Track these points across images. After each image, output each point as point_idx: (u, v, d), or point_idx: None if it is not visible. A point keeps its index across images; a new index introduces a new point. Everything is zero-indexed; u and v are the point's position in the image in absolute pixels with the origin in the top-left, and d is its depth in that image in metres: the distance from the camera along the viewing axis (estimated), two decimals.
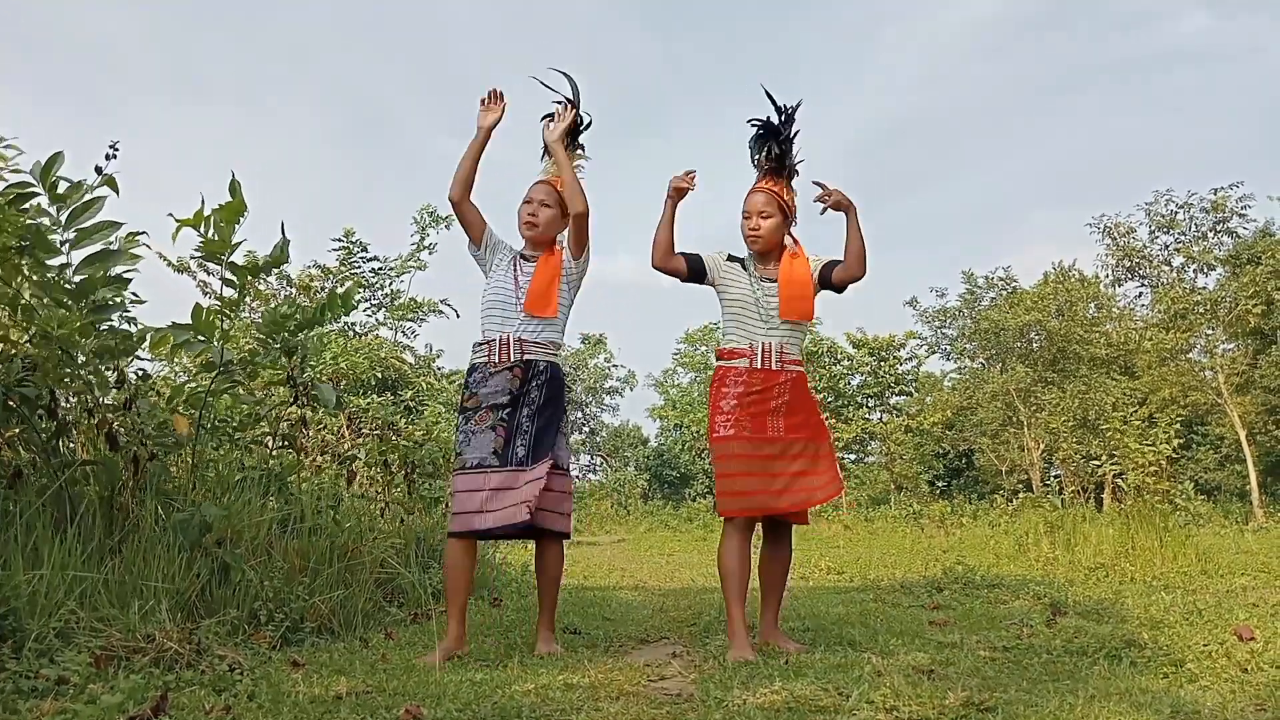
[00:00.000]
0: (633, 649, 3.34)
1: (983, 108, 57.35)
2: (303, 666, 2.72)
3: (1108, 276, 24.10)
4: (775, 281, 3.34)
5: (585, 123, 3.55)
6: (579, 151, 3.54)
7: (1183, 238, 22.13)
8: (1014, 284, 25.83)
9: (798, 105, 3.41)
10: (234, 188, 3.45)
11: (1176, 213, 21.92)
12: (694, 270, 3.40)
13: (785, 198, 3.38)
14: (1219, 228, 21.86)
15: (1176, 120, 52.81)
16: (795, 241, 3.42)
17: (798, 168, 3.45)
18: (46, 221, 3.24)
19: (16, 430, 3.30)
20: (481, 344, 3.34)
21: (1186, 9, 53.67)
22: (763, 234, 3.34)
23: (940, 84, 58.24)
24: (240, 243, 3.53)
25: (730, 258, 3.44)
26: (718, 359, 3.41)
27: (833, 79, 61.32)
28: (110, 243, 3.35)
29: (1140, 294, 24.19)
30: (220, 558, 3.29)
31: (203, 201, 3.43)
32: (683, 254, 3.39)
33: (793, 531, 3.45)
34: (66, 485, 3.20)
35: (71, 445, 3.48)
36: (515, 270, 3.38)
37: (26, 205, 3.21)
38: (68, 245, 3.28)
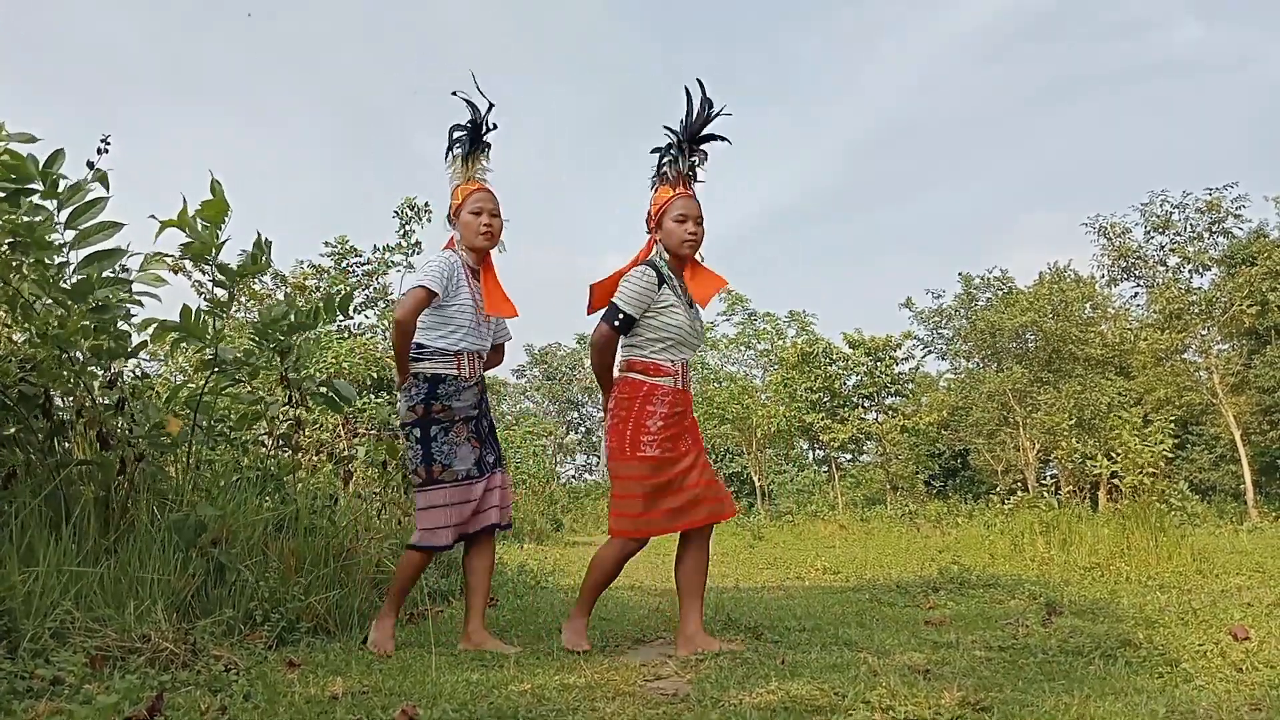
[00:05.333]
0: (629, 649, 3.34)
1: (977, 114, 57.63)
2: (298, 667, 2.72)
3: (1103, 277, 24.18)
4: (695, 305, 3.38)
5: (488, 127, 3.52)
6: (483, 157, 3.53)
7: (1178, 238, 22.20)
8: (1010, 284, 25.87)
9: (720, 110, 3.37)
10: (215, 187, 3.43)
11: (1172, 213, 21.98)
12: (629, 327, 3.26)
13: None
14: (1214, 228, 21.94)
15: (1168, 128, 53.08)
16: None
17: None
18: (40, 218, 3.23)
19: (12, 430, 3.29)
20: (450, 356, 3.31)
21: (1178, 20, 53.92)
22: (699, 239, 3.34)
23: (935, 91, 58.53)
24: (225, 241, 3.52)
25: (660, 275, 3.27)
26: (637, 372, 3.27)
27: (830, 86, 61.48)
28: (112, 244, 3.35)
29: (1136, 294, 24.29)
30: (216, 558, 3.29)
31: (185, 202, 3.41)
32: (614, 338, 3.26)
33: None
34: (62, 485, 3.20)
35: (67, 445, 3.47)
36: (471, 286, 3.40)
37: (22, 201, 3.20)
38: (67, 247, 3.28)
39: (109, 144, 3.36)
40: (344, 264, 15.42)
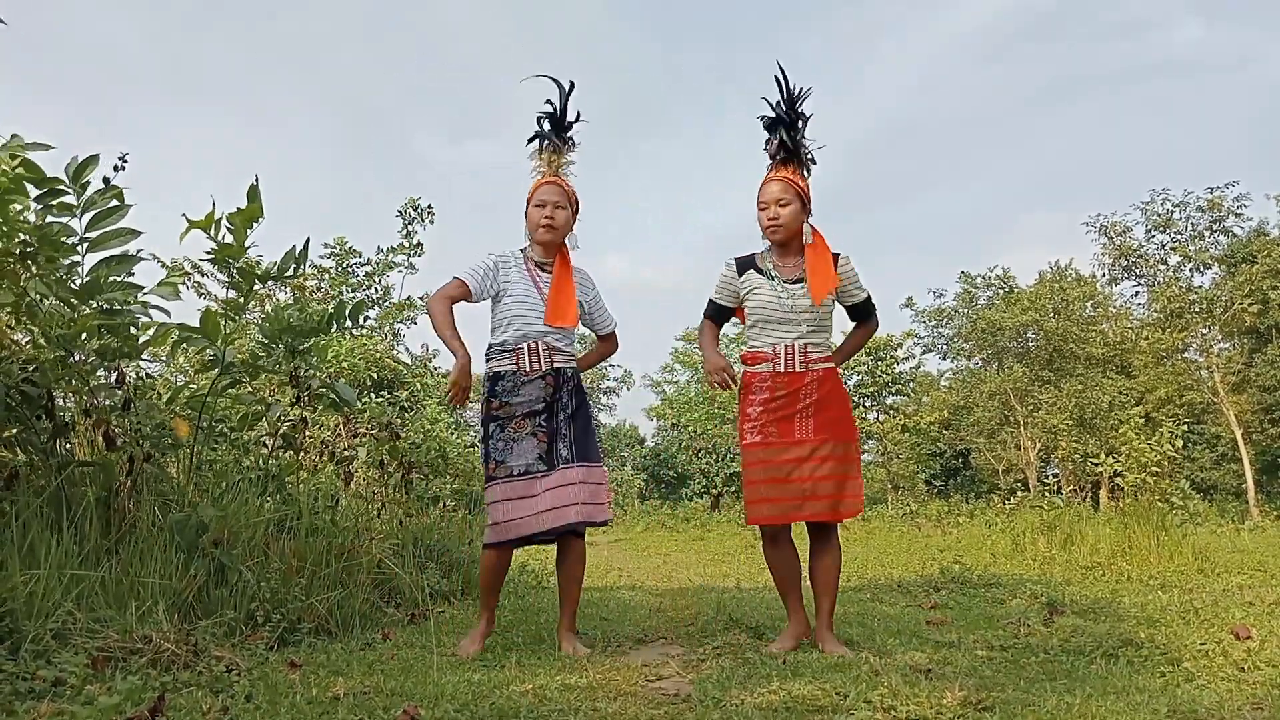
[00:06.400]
0: (630, 649, 3.34)
1: (977, 115, 57.57)
2: (300, 667, 2.72)
3: (1104, 275, 24.17)
4: (799, 283, 3.28)
5: (574, 117, 3.51)
6: (568, 148, 3.51)
7: (1179, 237, 22.20)
8: (1011, 282, 25.88)
9: (807, 91, 3.34)
10: (253, 192, 3.47)
11: (1173, 212, 21.98)
12: (725, 319, 3.48)
13: (801, 185, 3.31)
14: (1215, 227, 21.93)
15: (1168, 128, 53.10)
16: (814, 231, 3.34)
17: (814, 156, 3.38)
18: (51, 221, 3.25)
19: (14, 431, 3.29)
20: (507, 351, 3.29)
21: (1178, 20, 53.91)
22: (783, 222, 3.27)
23: (935, 91, 58.49)
24: (251, 246, 3.56)
25: (741, 263, 3.37)
26: (743, 364, 3.38)
27: (830, 86, 61.51)
28: (128, 249, 3.37)
29: (1137, 293, 24.29)
30: (217, 558, 3.29)
31: (214, 205, 3.44)
32: (711, 323, 3.46)
33: (837, 529, 3.36)
34: (64, 486, 3.20)
35: (69, 446, 3.47)
36: (534, 278, 3.36)
37: (36, 205, 3.22)
38: (85, 245, 3.29)
39: (126, 162, 3.36)
40: (344, 264, 15.45)
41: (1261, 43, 45.18)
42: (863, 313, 3.44)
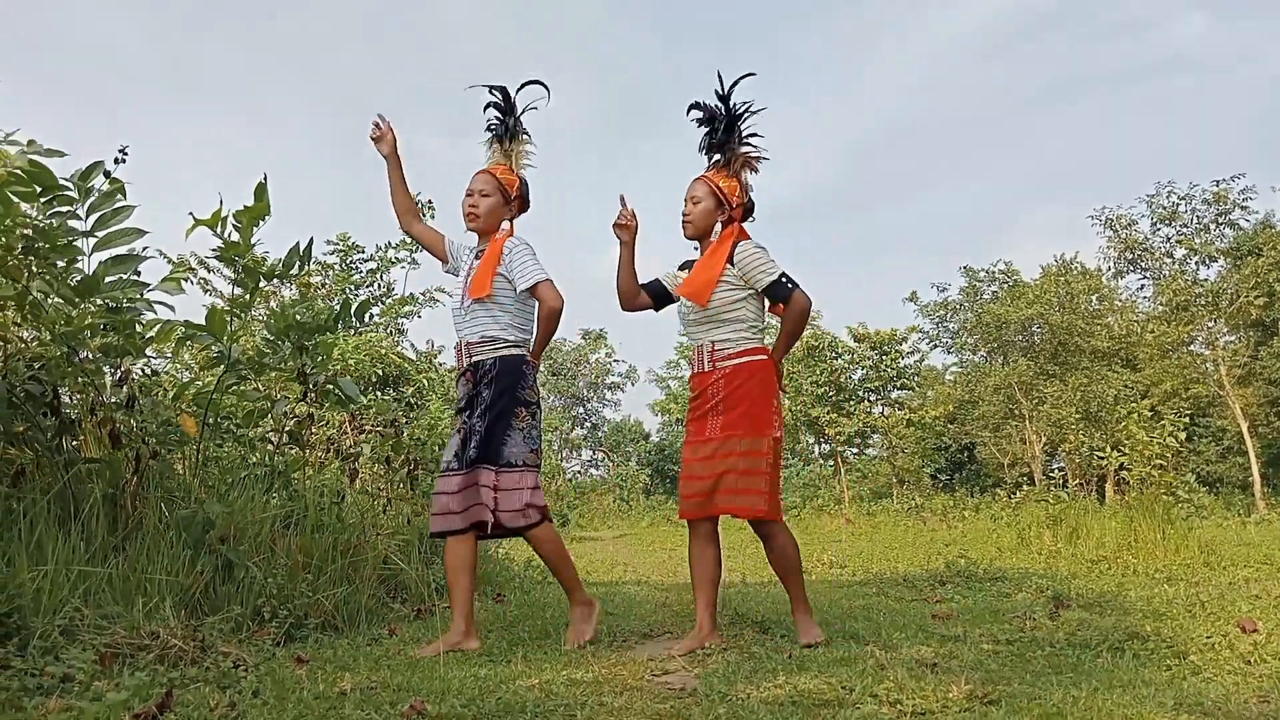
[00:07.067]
0: (636, 644, 3.34)
1: (977, 114, 57.43)
2: (307, 663, 2.72)
3: (1109, 269, 24.09)
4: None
5: (520, 111, 3.53)
6: (524, 138, 3.54)
7: (1184, 230, 22.10)
8: (1015, 276, 25.81)
9: (736, 83, 3.36)
10: (260, 191, 3.47)
11: (1178, 205, 21.88)
12: (658, 297, 3.51)
13: (723, 186, 3.34)
14: (1221, 220, 21.83)
15: (1168, 127, 52.92)
16: (728, 232, 3.33)
17: (751, 159, 3.39)
18: (54, 220, 3.25)
19: (21, 429, 3.30)
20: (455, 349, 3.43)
21: (1178, 18, 53.73)
22: (691, 219, 3.35)
23: (936, 91, 58.34)
24: (257, 243, 3.58)
25: (684, 265, 3.49)
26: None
27: (830, 86, 61.42)
28: (133, 249, 3.38)
29: (1142, 286, 24.19)
30: (224, 555, 3.30)
31: (220, 202, 3.45)
32: (644, 286, 3.48)
33: (772, 524, 3.24)
34: (70, 483, 3.21)
35: (75, 443, 3.48)
36: (469, 270, 3.40)
37: (41, 205, 3.23)
38: (91, 244, 3.30)
39: (126, 154, 3.37)
40: (348, 260, 15.47)
41: (1262, 41, 44.97)
42: (777, 296, 3.30)
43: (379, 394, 12.46)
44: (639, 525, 21.44)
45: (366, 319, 4.03)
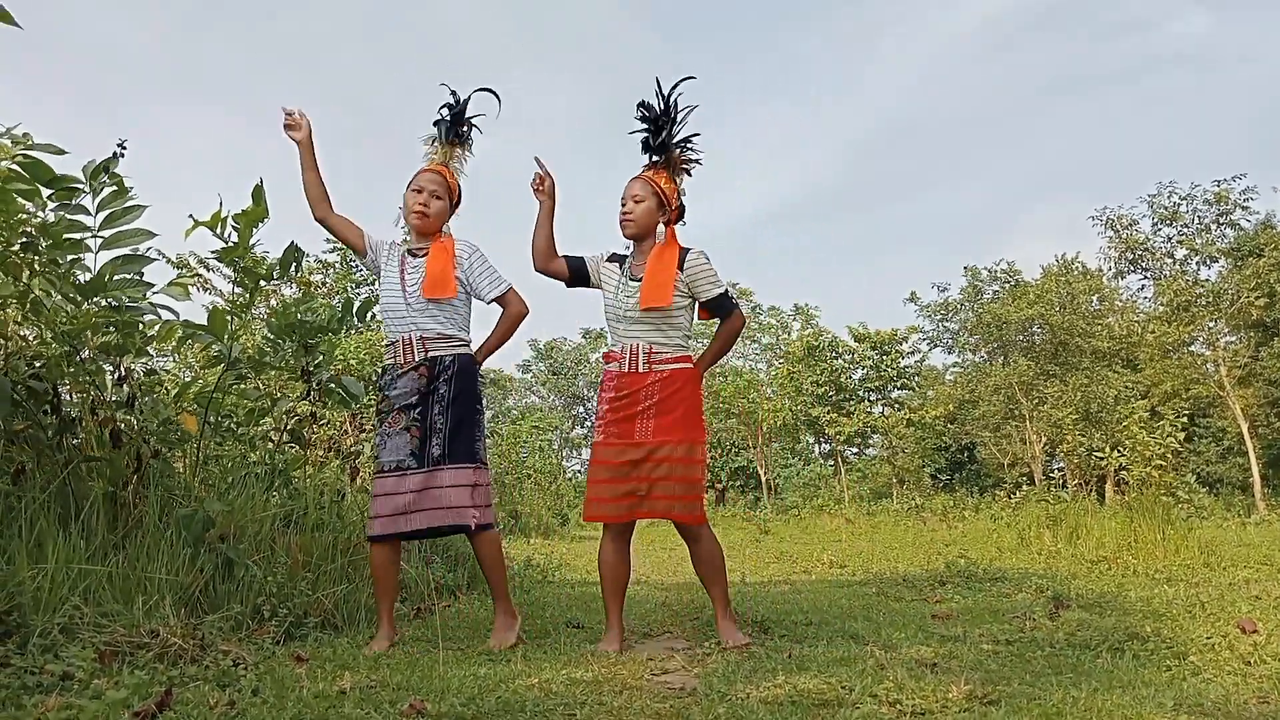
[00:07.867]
0: (636, 643, 3.35)
1: (978, 114, 57.50)
2: (306, 661, 2.72)
3: (1110, 269, 24.07)
4: (639, 282, 3.26)
5: (470, 118, 3.52)
6: (464, 146, 3.53)
7: (1185, 230, 22.08)
8: (1017, 275, 25.81)
9: (677, 85, 3.32)
10: (257, 194, 3.48)
11: (1179, 205, 21.87)
12: (576, 273, 3.40)
13: (664, 186, 3.33)
14: (1222, 220, 21.82)
15: (1169, 126, 52.94)
16: (669, 234, 3.33)
17: (686, 162, 3.39)
18: (52, 217, 3.25)
19: (22, 427, 3.30)
20: (388, 346, 3.36)
21: (1178, 16, 53.73)
22: (634, 217, 3.30)
23: (936, 90, 58.37)
24: (256, 244, 3.58)
25: (612, 257, 3.41)
26: (604, 362, 3.41)
27: (830, 86, 61.44)
28: (138, 249, 3.37)
29: (1143, 286, 24.17)
30: (224, 553, 3.30)
31: (220, 204, 3.46)
32: (565, 257, 3.39)
33: (700, 528, 3.26)
34: (71, 481, 3.21)
35: (76, 442, 3.48)
36: (402, 269, 3.36)
37: (40, 201, 3.23)
38: (98, 243, 3.30)
39: (125, 148, 3.37)
40: (348, 259, 15.47)
41: (1263, 40, 44.98)
42: (719, 309, 3.32)
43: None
44: (638, 524, 21.44)
45: (368, 318, 4.04)
